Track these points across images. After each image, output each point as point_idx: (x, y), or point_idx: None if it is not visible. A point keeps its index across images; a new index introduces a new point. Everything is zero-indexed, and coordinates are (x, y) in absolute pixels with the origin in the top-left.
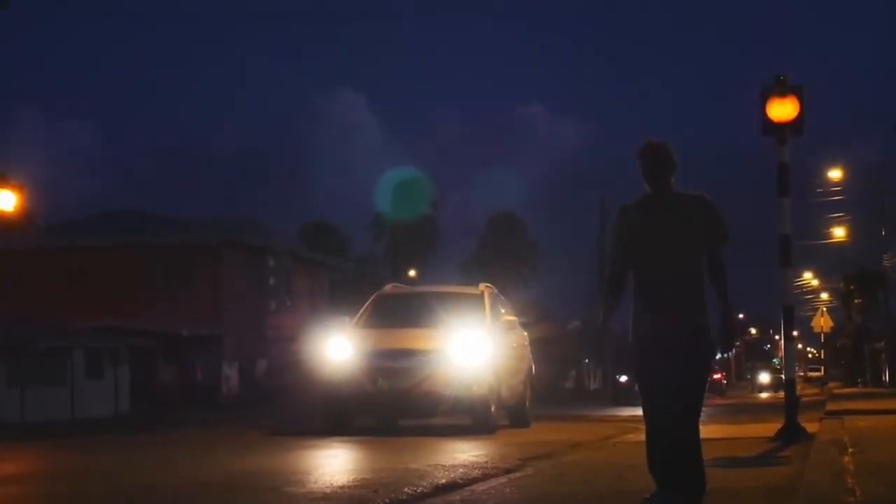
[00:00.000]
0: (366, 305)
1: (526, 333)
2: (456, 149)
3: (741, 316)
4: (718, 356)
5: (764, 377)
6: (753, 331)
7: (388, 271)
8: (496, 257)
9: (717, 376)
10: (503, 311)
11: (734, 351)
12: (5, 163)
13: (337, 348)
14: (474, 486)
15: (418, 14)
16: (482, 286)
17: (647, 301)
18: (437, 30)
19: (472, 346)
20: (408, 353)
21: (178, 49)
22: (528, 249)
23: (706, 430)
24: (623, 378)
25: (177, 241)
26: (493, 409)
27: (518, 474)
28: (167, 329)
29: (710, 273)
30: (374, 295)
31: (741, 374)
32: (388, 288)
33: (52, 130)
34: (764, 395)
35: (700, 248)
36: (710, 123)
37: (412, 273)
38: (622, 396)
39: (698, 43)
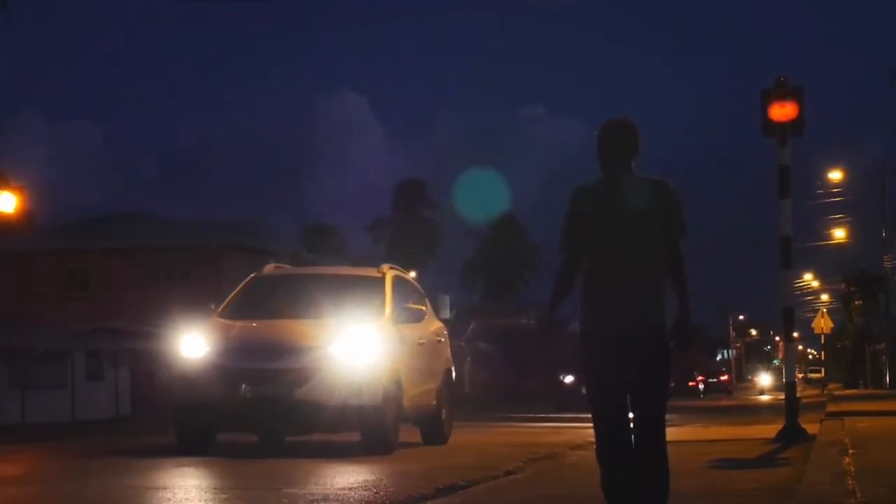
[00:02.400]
0: (236, 290)
1: (442, 327)
2: (456, 149)
3: (741, 317)
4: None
5: (765, 379)
6: (754, 332)
7: None
8: (496, 258)
9: (724, 378)
10: (413, 299)
11: (688, 350)
12: (5, 164)
13: (190, 345)
14: None
15: (419, 14)
16: (385, 267)
17: (597, 294)
18: (437, 30)
19: (365, 343)
20: (281, 351)
21: (178, 50)
22: (529, 250)
23: (707, 433)
24: (568, 378)
25: (177, 244)
26: (389, 422)
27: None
28: (168, 330)
29: (668, 266)
30: (249, 277)
31: (742, 376)
32: (267, 268)
33: (53, 132)
34: (765, 397)
35: (659, 239)
36: (711, 123)
37: (412, 275)
38: (566, 399)
39: (699, 42)
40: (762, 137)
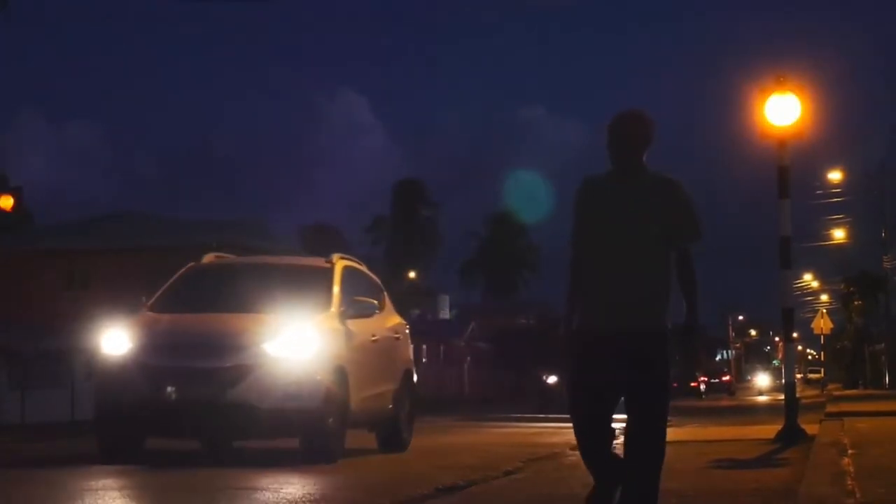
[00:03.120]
0: (170, 280)
1: (402, 324)
2: (455, 150)
3: (741, 317)
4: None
5: (762, 380)
6: (753, 332)
7: (388, 273)
8: (496, 258)
9: (725, 378)
10: (367, 293)
11: (694, 355)
12: (5, 164)
13: (111, 341)
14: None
15: (418, 15)
16: (335, 257)
17: (595, 292)
18: (437, 31)
19: (305, 339)
20: (211, 348)
21: (178, 50)
22: (529, 250)
23: (706, 433)
24: (552, 379)
25: (177, 244)
26: (332, 426)
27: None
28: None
29: (677, 268)
30: (186, 266)
31: (742, 376)
32: (207, 257)
33: (52, 132)
34: (763, 398)
35: (666, 239)
36: (710, 123)
37: (412, 275)
38: (549, 400)
39: (698, 43)
40: (762, 137)
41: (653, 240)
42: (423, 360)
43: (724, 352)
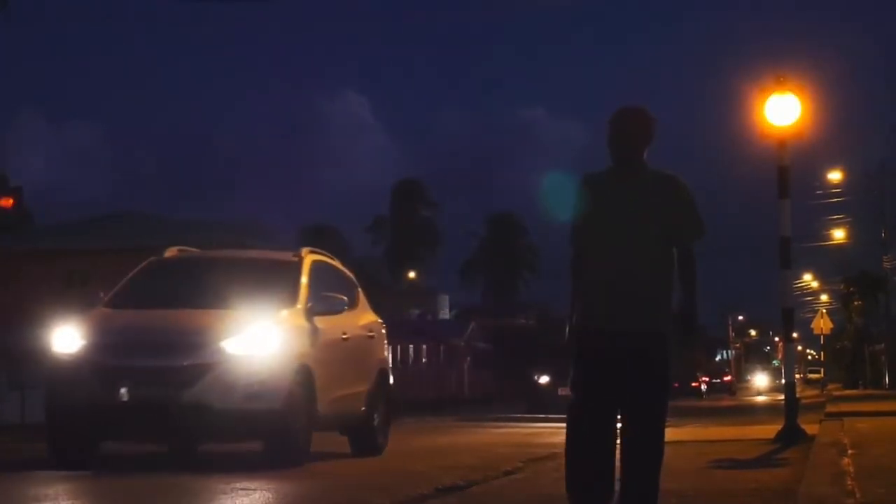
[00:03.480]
0: (130, 275)
1: (377, 322)
2: (455, 150)
3: (741, 318)
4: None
5: (761, 380)
6: (753, 332)
7: (388, 273)
8: (496, 258)
9: (727, 378)
10: (339, 288)
11: (689, 345)
12: (5, 164)
13: (63, 339)
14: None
15: (419, 15)
16: (304, 251)
17: (595, 293)
18: (437, 31)
19: (268, 337)
20: (167, 346)
21: (177, 50)
22: (529, 250)
23: (706, 433)
24: (544, 378)
25: (177, 244)
26: (296, 429)
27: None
28: None
29: (678, 267)
30: (147, 261)
31: (741, 376)
32: (169, 251)
33: (51, 131)
34: (761, 398)
35: (667, 238)
36: (710, 123)
37: (412, 275)
38: (540, 401)
39: (698, 43)
40: (761, 138)
41: (654, 238)
42: (423, 360)
43: (724, 352)
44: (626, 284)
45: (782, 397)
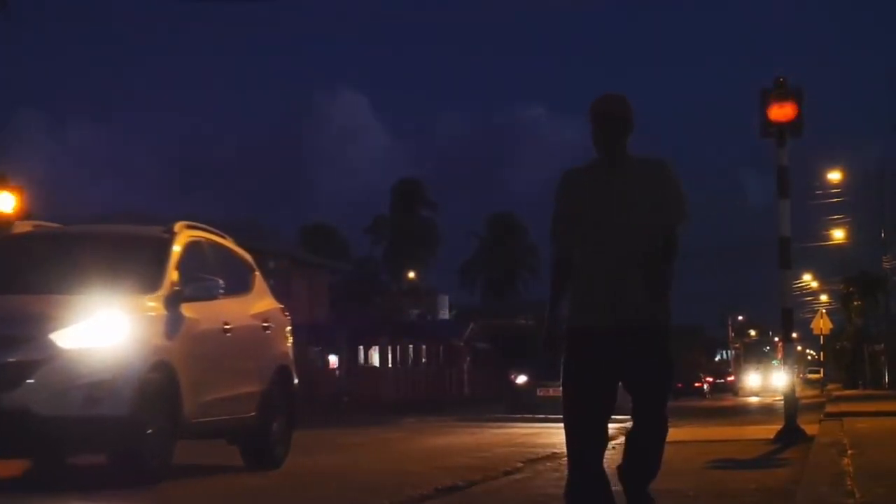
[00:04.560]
0: None
1: (275, 310)
2: (455, 150)
3: (741, 318)
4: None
5: (753, 380)
6: (753, 332)
7: (388, 273)
8: (496, 258)
9: (730, 378)
10: (225, 271)
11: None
12: (5, 164)
13: None
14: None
15: (419, 15)
16: (178, 225)
17: (589, 287)
18: (437, 31)
19: (114, 327)
20: None
21: (178, 49)
22: (529, 251)
23: (706, 433)
24: (521, 378)
25: None
26: (149, 438)
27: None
28: None
29: (661, 249)
30: None
31: (741, 376)
32: (19, 226)
33: (52, 131)
34: (753, 399)
35: (657, 226)
36: (710, 123)
37: (412, 275)
38: (518, 401)
39: (698, 43)
40: (761, 138)
41: (648, 228)
42: (423, 360)
43: (724, 352)
44: (621, 277)
45: (774, 398)
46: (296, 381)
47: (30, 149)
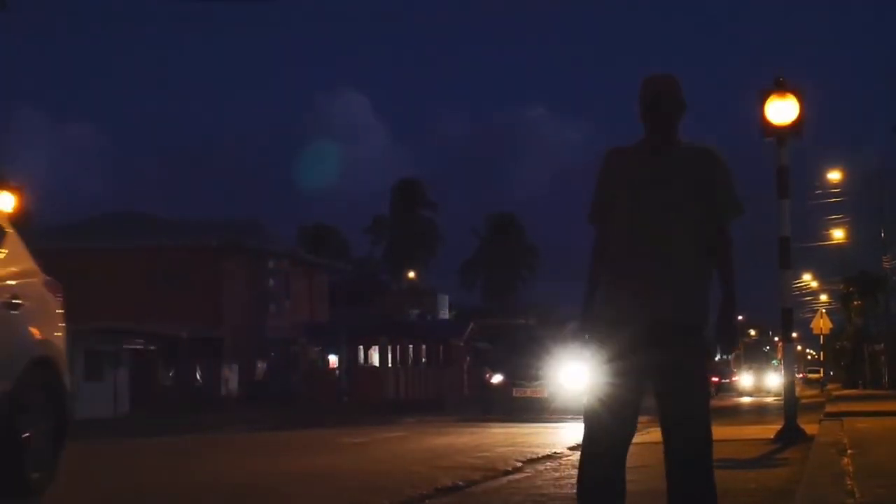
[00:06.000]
0: None
1: (38, 283)
2: (456, 150)
3: (740, 318)
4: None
5: (746, 380)
6: (753, 332)
7: (388, 273)
8: (496, 258)
9: (735, 378)
10: None
11: (732, 354)
12: (4, 164)
13: None
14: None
15: (419, 15)
16: None
17: (625, 278)
18: (438, 31)
19: None
20: None
21: (178, 49)
22: (529, 251)
23: None
24: (497, 378)
25: (176, 244)
26: None
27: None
28: (167, 331)
29: (714, 250)
30: None
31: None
32: None
33: (52, 131)
34: (746, 399)
35: (703, 218)
36: (710, 123)
37: (411, 275)
38: (492, 403)
39: (697, 43)
40: (761, 138)
41: (693, 219)
42: (423, 360)
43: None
44: (660, 269)
45: (775, 398)
46: (66, 380)
47: (29, 148)
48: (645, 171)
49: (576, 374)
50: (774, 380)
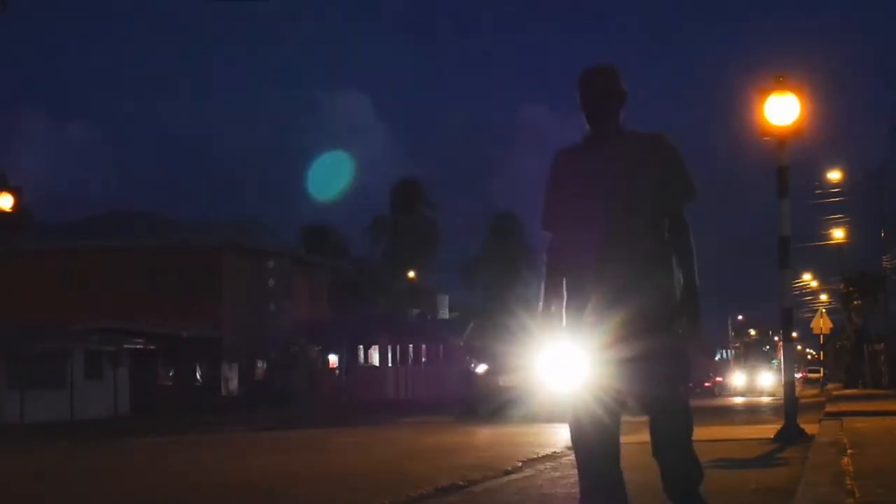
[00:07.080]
0: None
1: None
2: (456, 150)
3: (740, 318)
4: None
5: (738, 379)
6: (753, 332)
7: (388, 273)
8: (496, 258)
9: (720, 379)
10: None
11: (700, 344)
12: (4, 163)
13: None
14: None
15: (420, 14)
16: None
17: (585, 277)
18: (438, 31)
19: None
20: None
21: (178, 49)
22: (529, 251)
23: (705, 432)
24: (481, 368)
25: (177, 243)
26: None
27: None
28: (167, 330)
29: (670, 234)
30: None
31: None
32: None
33: (52, 131)
34: (738, 399)
35: (659, 206)
36: (710, 123)
37: (412, 275)
38: (476, 396)
39: (697, 43)
40: (761, 137)
41: (646, 208)
42: (423, 359)
43: (724, 352)
44: (620, 264)
45: (761, 399)
46: None
47: (28, 148)
48: (594, 166)
49: (560, 363)
50: (768, 379)
